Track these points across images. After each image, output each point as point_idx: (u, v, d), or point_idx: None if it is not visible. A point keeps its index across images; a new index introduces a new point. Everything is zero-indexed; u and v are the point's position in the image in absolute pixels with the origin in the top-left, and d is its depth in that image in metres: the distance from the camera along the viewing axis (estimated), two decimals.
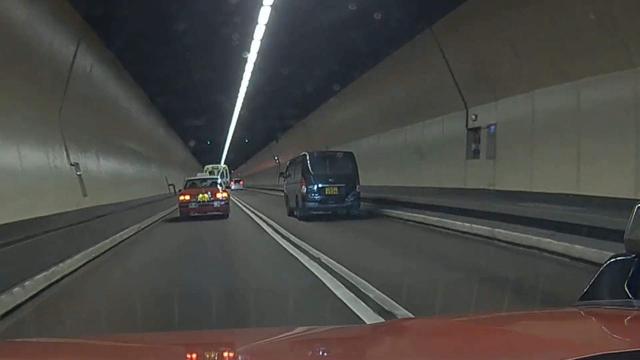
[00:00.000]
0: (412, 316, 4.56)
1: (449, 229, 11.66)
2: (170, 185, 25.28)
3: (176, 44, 14.78)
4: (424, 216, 13.23)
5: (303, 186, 15.77)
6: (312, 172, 15.89)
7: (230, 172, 54.93)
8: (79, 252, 8.79)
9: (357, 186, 16.01)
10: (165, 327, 4.78)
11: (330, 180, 15.79)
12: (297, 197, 16.33)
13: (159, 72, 17.68)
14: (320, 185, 15.75)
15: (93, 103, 14.91)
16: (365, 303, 5.39)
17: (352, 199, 15.87)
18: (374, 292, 5.74)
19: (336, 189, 15.74)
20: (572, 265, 7.37)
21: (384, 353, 1.48)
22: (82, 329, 5.05)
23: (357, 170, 16.15)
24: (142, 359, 1.54)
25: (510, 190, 12.75)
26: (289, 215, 17.39)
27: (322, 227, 14.05)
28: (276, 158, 23.84)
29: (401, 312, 4.93)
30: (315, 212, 15.82)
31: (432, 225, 12.51)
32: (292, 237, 11.19)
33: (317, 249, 9.10)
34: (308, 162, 16.11)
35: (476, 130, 14.94)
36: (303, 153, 16.80)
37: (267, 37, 14.40)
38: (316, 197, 15.72)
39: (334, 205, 15.87)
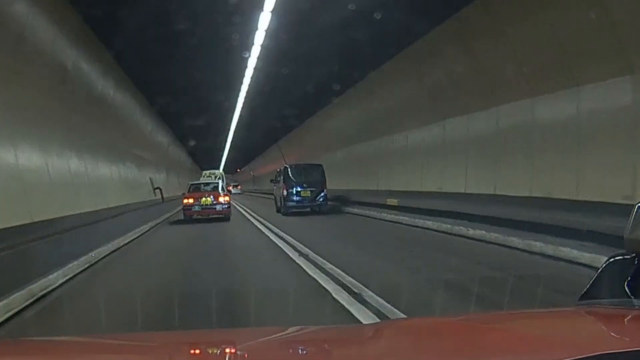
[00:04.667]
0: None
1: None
2: (157, 189, 23.86)
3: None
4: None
5: (284, 190, 20.46)
6: (291, 179, 20.54)
7: (226, 177, 55.44)
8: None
9: (325, 190, 20.57)
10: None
11: (304, 185, 20.38)
12: (281, 198, 20.96)
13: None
14: (297, 189, 20.32)
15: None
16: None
17: (321, 200, 20.50)
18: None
19: (309, 192, 20.32)
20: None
21: (384, 353, 1.48)
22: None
23: (325, 177, 20.72)
24: (143, 359, 1.54)
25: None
26: (277, 212, 21.73)
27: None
28: None
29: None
30: (294, 210, 20.12)
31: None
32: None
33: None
34: (288, 171, 21.09)
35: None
36: (284, 165, 21.93)
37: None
38: (294, 198, 20.35)
39: (308, 204, 20.47)
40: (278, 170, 22.99)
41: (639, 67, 9.06)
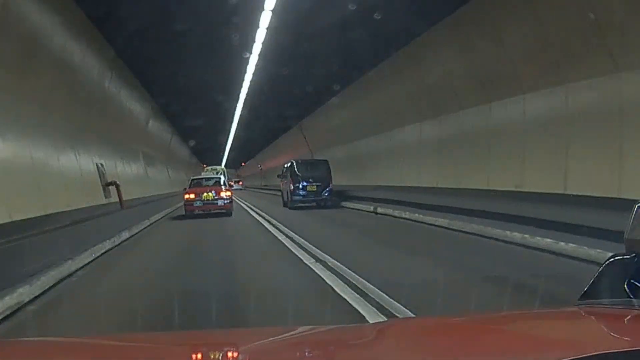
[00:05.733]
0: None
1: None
2: (111, 185, 13.91)
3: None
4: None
5: (291, 184, 21.17)
6: (298, 174, 21.28)
7: (228, 172, 54.85)
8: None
9: (330, 184, 21.24)
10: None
11: (310, 180, 21.03)
12: (287, 192, 21.77)
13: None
14: (303, 184, 20.98)
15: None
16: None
17: (326, 194, 21.15)
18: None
19: (315, 186, 20.98)
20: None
21: (385, 353, 1.48)
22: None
23: (330, 172, 21.39)
24: (144, 359, 1.54)
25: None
26: (283, 206, 22.35)
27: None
28: None
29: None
30: (301, 204, 20.98)
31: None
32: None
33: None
34: (295, 166, 21.74)
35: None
36: (291, 161, 22.49)
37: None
38: (301, 193, 21.03)
39: (314, 198, 21.11)
40: (285, 166, 23.52)
41: None
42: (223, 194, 18.23)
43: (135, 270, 8.56)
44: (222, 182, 19.40)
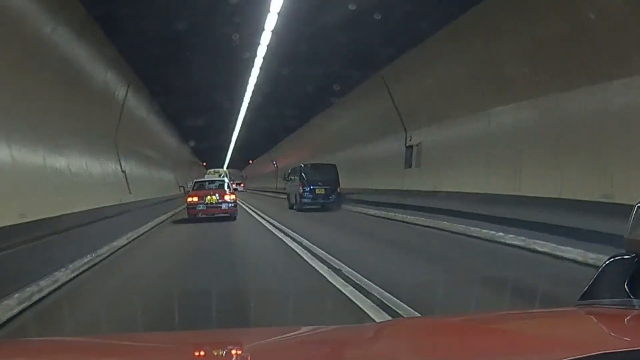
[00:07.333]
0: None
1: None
2: None
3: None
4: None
5: (300, 187, 21.69)
6: (306, 178, 21.82)
7: (231, 174, 54.77)
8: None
9: (338, 188, 21.69)
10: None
11: (319, 183, 21.54)
12: (295, 195, 22.38)
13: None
14: (312, 187, 21.55)
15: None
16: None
17: (334, 197, 21.62)
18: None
19: (323, 189, 21.52)
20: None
21: (388, 352, 1.48)
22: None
23: (338, 176, 21.73)
24: (146, 359, 1.54)
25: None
26: (289, 208, 22.97)
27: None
28: None
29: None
30: (308, 206, 21.49)
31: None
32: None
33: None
34: (303, 170, 22.31)
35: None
36: (300, 164, 23.10)
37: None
38: (309, 195, 21.59)
39: (322, 201, 21.59)
40: (292, 169, 24.34)
41: None
42: (227, 197, 17.79)
43: None
44: (226, 185, 19.07)
